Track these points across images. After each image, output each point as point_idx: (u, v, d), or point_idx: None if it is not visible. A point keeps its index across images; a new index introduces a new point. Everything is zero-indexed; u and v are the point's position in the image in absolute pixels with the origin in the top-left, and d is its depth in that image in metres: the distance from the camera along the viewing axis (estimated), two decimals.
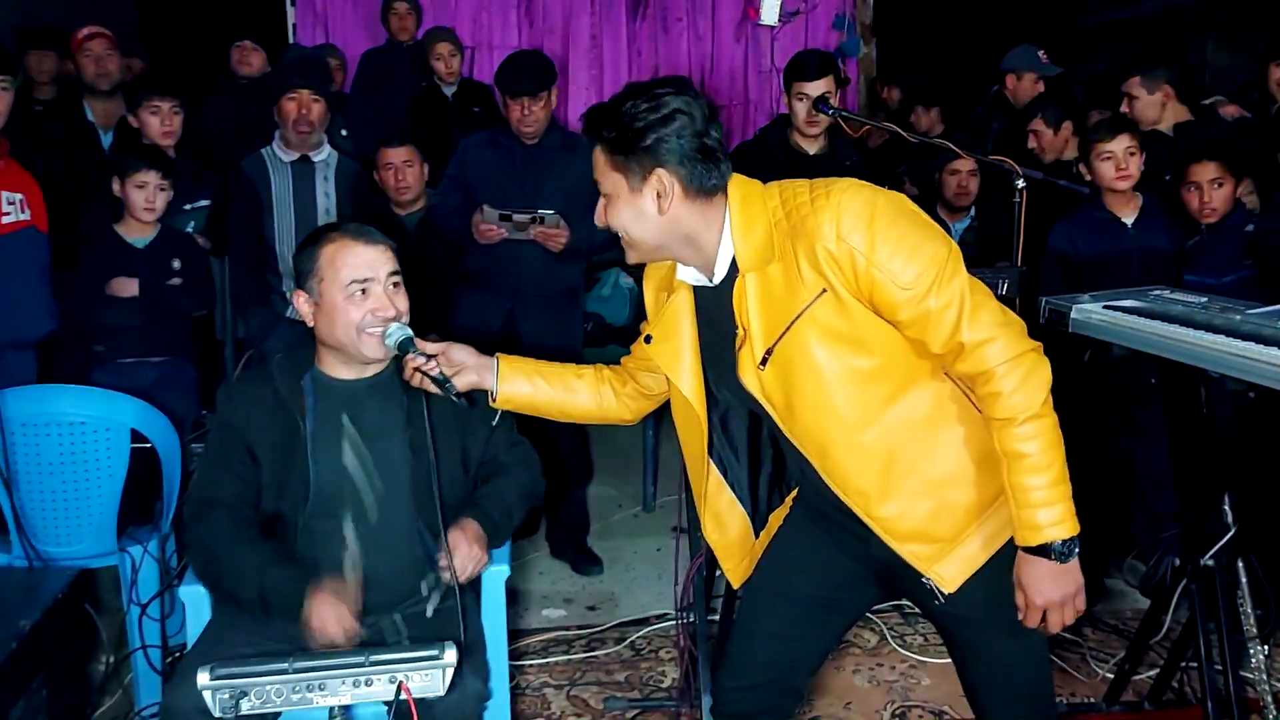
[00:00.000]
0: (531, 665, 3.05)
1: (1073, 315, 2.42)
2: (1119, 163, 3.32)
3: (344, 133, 4.82)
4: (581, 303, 3.94)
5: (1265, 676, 2.53)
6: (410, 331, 1.99)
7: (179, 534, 2.69)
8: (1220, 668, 2.40)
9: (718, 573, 2.93)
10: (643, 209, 1.63)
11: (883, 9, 6.53)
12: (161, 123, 3.67)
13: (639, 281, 4.99)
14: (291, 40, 5.96)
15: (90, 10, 4.68)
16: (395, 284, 2.07)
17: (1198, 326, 2.21)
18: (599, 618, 3.37)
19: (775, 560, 1.90)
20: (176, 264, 3.33)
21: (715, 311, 1.72)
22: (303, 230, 3.51)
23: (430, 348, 1.95)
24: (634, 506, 4.37)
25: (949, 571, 1.68)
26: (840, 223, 1.55)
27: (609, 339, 4.51)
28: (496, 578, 2.28)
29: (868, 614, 3.30)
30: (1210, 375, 2.32)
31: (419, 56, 5.13)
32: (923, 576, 1.70)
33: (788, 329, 1.61)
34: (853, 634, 3.23)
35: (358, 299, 2.02)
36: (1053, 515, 1.58)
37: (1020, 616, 1.65)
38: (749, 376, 1.67)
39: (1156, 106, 3.84)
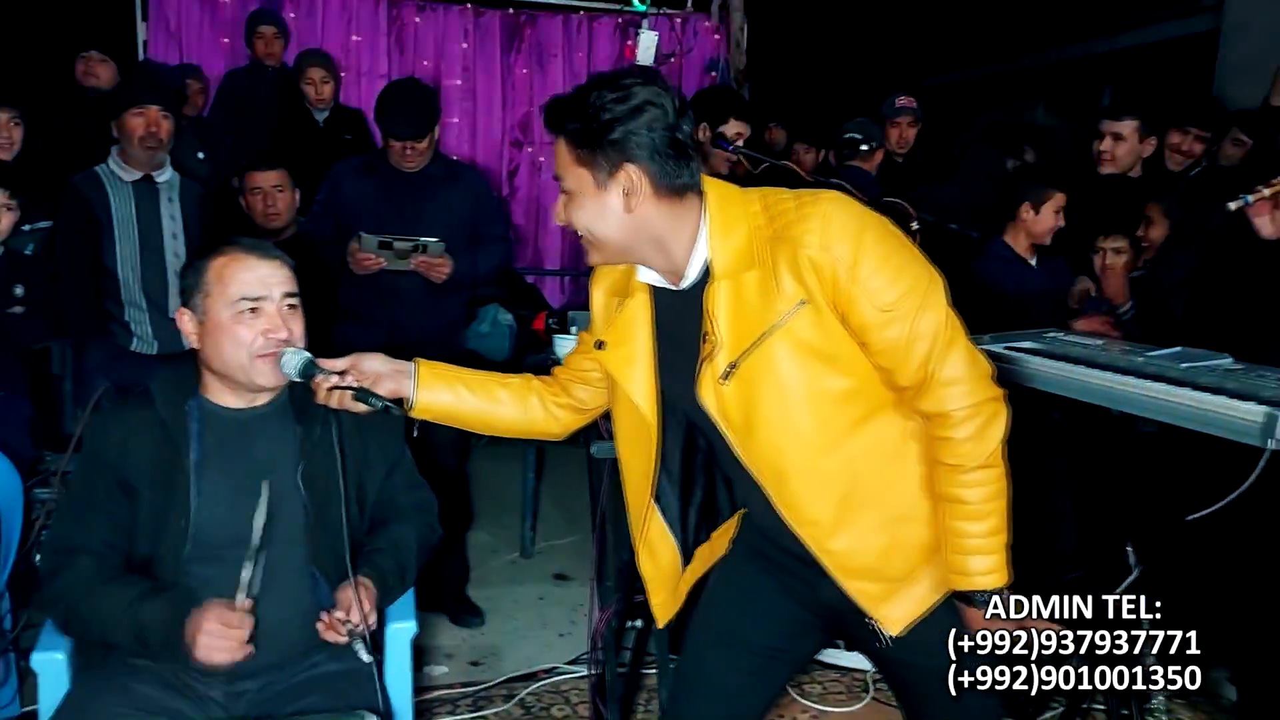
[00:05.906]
0: None
1: None
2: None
3: (200, 155, 4.52)
4: (462, 339, 3.76)
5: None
6: (308, 354, 1.80)
7: (17, 591, 2.39)
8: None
9: (628, 624, 2.81)
10: (608, 206, 1.52)
11: (755, 56, 6.62)
12: None
13: (519, 319, 4.82)
14: (142, 58, 5.61)
15: None
16: (291, 305, 1.88)
17: (1103, 367, 2.23)
18: (484, 674, 3.16)
19: (715, 609, 1.76)
20: (19, 290, 3.06)
21: (676, 319, 1.60)
22: (147, 254, 3.27)
23: (337, 364, 1.76)
24: (510, 553, 4.16)
25: (896, 613, 1.60)
26: (827, 231, 1.47)
27: None
28: (402, 635, 2.06)
29: None
30: (1115, 417, 2.33)
31: (286, 80, 4.89)
32: (867, 618, 1.61)
33: (759, 341, 1.51)
34: None
35: (247, 318, 1.82)
36: (985, 564, 1.54)
37: None
38: (707, 391, 1.55)
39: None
